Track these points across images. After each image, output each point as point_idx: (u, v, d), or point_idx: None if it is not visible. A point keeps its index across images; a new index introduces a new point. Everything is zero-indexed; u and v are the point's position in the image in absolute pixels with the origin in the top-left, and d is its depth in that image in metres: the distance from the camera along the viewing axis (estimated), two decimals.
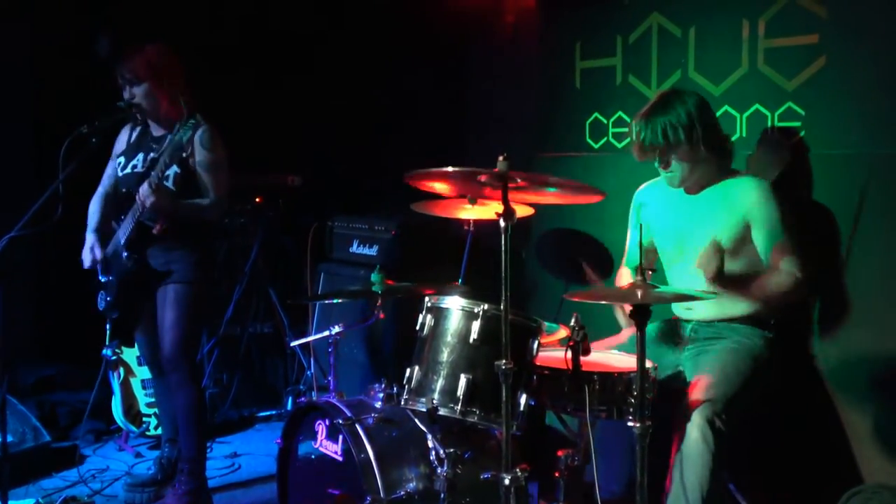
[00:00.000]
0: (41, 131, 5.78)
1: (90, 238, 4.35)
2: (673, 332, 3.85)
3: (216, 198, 4.19)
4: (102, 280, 4.32)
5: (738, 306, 3.67)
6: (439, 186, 3.58)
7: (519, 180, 3.09)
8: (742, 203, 3.61)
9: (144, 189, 3.99)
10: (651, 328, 3.82)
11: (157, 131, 4.25)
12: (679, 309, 3.89)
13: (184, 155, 4.12)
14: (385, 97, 6.25)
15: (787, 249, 3.57)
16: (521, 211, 3.83)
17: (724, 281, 3.51)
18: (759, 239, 3.61)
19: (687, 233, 3.75)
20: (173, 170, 4.12)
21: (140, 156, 4.22)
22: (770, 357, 3.65)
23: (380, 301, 3.91)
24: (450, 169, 3.12)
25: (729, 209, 3.63)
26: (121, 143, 4.38)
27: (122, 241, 4.17)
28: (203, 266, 4.25)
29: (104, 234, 4.33)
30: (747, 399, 3.43)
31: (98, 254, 4.30)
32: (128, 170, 4.22)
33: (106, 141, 4.18)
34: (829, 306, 3.92)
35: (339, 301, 5.21)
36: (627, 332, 3.92)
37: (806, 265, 3.55)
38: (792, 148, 4.01)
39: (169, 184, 4.12)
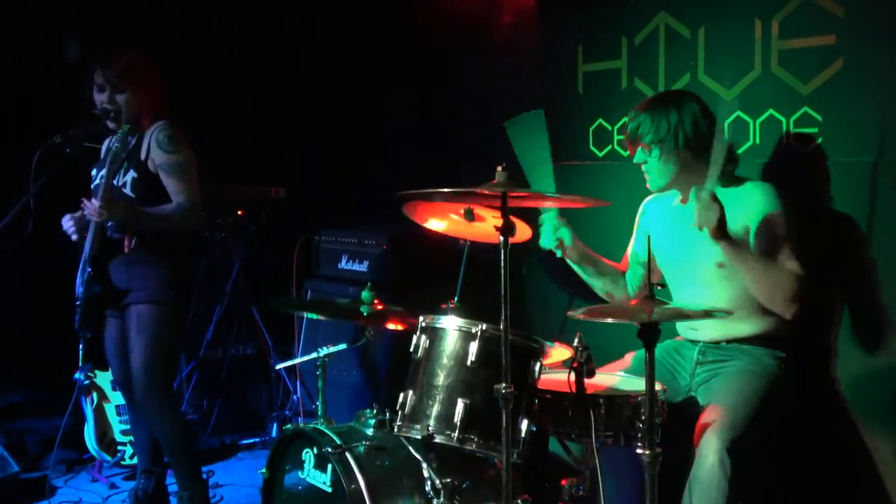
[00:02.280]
0: (5, 139, 5.79)
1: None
2: (681, 356, 3.87)
3: (186, 202, 4.12)
4: (76, 295, 4.30)
5: (745, 325, 3.68)
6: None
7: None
8: (745, 212, 3.61)
9: (90, 205, 3.97)
10: (658, 352, 3.83)
11: (133, 140, 4.26)
12: (684, 330, 3.91)
13: (142, 159, 4.12)
14: (375, 103, 6.27)
15: (786, 244, 3.56)
16: (521, 232, 3.87)
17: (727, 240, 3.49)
18: (758, 243, 3.59)
19: (684, 245, 3.75)
20: (130, 175, 4.12)
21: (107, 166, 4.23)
22: (785, 378, 3.66)
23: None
24: (445, 190, 3.10)
25: (731, 220, 3.64)
26: (103, 152, 4.38)
27: (86, 256, 4.16)
28: (170, 283, 4.19)
29: None
30: (764, 423, 3.43)
31: (77, 214, 4.21)
32: (97, 180, 4.23)
33: (80, 151, 4.18)
34: (854, 324, 3.93)
35: (327, 320, 5.19)
36: (630, 355, 3.95)
37: (807, 264, 3.54)
38: (808, 156, 4.03)
39: (127, 190, 4.12)
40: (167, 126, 4.15)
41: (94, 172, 4.28)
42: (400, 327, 4.10)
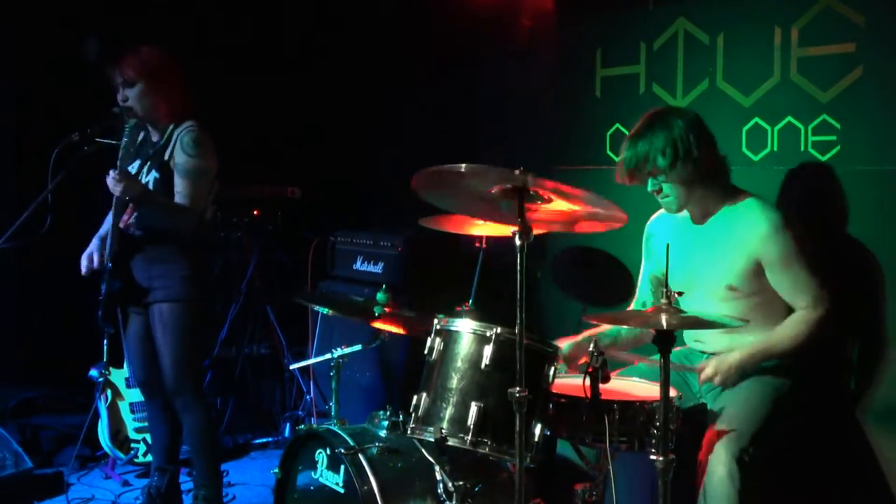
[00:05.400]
0: (24, 138, 5.81)
1: (93, 243, 4.34)
2: (691, 363, 3.86)
3: (187, 206, 4.10)
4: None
5: (753, 338, 3.67)
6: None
7: (541, 190, 3.08)
8: (750, 238, 3.60)
9: (110, 179, 3.97)
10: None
11: (155, 137, 4.26)
12: (691, 342, 3.90)
13: (166, 159, 4.13)
14: (392, 106, 6.27)
15: (803, 287, 3.57)
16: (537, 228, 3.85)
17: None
18: (774, 280, 3.61)
19: (695, 267, 3.74)
20: (153, 175, 4.13)
21: (137, 163, 4.24)
22: (794, 388, 3.65)
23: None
24: (462, 167, 3.06)
25: (737, 245, 3.63)
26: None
27: (108, 253, 4.18)
28: (191, 281, 4.19)
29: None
30: (773, 433, 3.43)
31: (95, 261, 4.27)
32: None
33: (98, 148, 4.19)
34: (867, 337, 3.91)
35: (342, 320, 5.19)
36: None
37: (828, 298, 3.56)
38: (826, 163, 4.02)
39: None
40: (195, 129, 4.14)
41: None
42: (401, 332, 4.10)
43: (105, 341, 4.73)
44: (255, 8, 6.32)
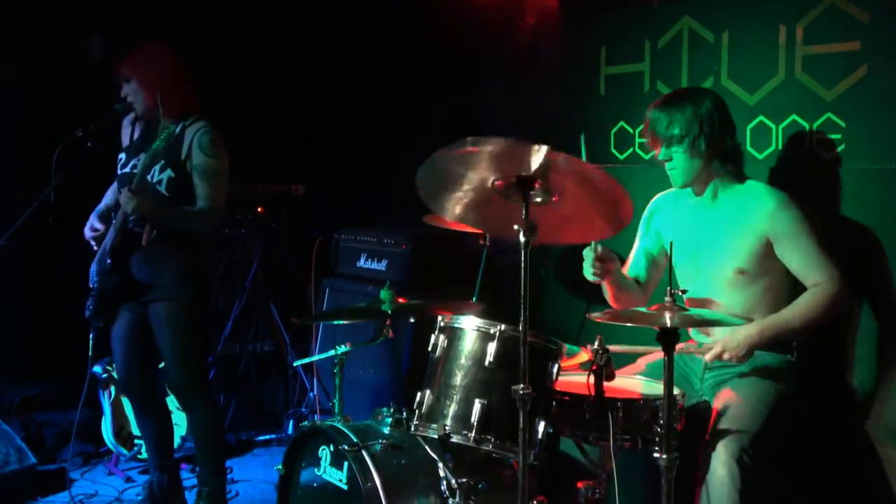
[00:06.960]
0: (27, 133, 5.81)
1: (92, 217, 4.33)
2: (692, 359, 3.86)
3: (208, 207, 4.14)
4: (91, 285, 4.31)
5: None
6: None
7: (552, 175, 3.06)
8: (758, 217, 3.61)
9: (124, 194, 3.99)
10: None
11: (163, 132, 4.25)
12: (695, 333, 3.89)
13: (181, 158, 4.12)
14: (395, 103, 6.27)
15: (815, 262, 3.57)
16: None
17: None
18: (784, 254, 3.61)
19: (702, 247, 3.76)
20: (167, 174, 4.12)
21: (142, 156, 4.24)
22: (796, 383, 3.65)
23: (389, 320, 3.91)
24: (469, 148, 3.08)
25: (745, 225, 3.64)
26: (125, 138, 4.38)
27: (108, 247, 4.17)
28: (192, 280, 4.21)
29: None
30: (775, 431, 3.42)
31: (98, 225, 4.26)
32: (127, 168, 4.23)
33: (101, 145, 4.19)
34: (869, 332, 3.90)
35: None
36: (644, 360, 3.94)
37: (841, 275, 3.55)
38: (831, 162, 4.01)
39: (162, 189, 4.12)
40: (210, 130, 4.16)
41: (121, 157, 4.28)
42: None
43: (91, 336, 4.74)
44: (260, 7, 6.32)
